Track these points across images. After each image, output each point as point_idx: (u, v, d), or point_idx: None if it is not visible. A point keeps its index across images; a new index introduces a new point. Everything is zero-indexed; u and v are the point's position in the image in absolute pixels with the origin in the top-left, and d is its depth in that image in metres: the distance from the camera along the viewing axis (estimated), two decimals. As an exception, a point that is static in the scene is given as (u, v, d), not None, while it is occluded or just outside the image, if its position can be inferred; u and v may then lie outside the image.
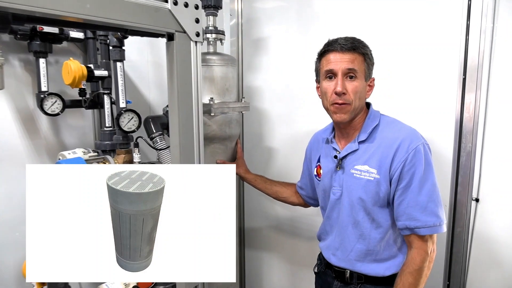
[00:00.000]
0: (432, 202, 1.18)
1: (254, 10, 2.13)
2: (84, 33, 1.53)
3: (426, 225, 1.18)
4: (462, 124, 1.51)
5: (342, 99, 1.24)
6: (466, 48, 1.47)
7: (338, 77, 1.23)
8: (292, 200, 1.71)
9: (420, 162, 1.18)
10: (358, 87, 1.23)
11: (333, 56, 1.24)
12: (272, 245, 2.27)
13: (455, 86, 1.51)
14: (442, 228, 1.20)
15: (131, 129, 1.44)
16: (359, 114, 1.31)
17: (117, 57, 1.44)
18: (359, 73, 1.23)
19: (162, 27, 1.12)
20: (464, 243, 1.55)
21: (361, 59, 1.24)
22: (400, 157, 1.20)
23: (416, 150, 1.19)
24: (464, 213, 1.53)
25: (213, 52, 1.75)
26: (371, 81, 1.31)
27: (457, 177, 1.54)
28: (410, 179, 1.19)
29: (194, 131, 1.24)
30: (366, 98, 1.32)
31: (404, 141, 1.21)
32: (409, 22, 1.60)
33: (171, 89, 1.19)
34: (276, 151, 2.15)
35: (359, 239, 1.29)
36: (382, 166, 1.23)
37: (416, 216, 1.18)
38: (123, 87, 1.46)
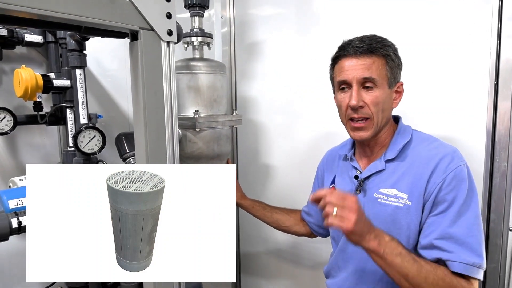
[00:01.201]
0: (473, 238, 0.92)
1: (248, 12, 1.92)
2: (43, 36, 1.29)
3: (462, 261, 0.90)
4: (494, 138, 1.27)
5: (360, 113, 1.02)
6: (498, 49, 1.23)
7: (353, 88, 1.02)
8: (296, 229, 1.48)
9: (462, 186, 0.94)
10: (379, 98, 1.01)
11: (347, 62, 1.03)
12: (271, 272, 2.05)
13: (485, 93, 1.26)
14: (481, 274, 0.92)
15: (92, 151, 1.19)
16: (385, 128, 1.08)
17: (76, 63, 1.19)
18: (379, 80, 1.01)
19: (122, 23, 0.88)
20: (500, 282, 1.29)
21: (382, 62, 1.01)
22: (437, 178, 0.96)
23: (458, 171, 0.95)
24: (499, 245, 1.28)
25: (198, 58, 1.52)
26: (399, 86, 1.08)
27: (489, 202, 1.29)
28: (447, 206, 0.94)
29: (167, 153, 1.00)
30: (393, 107, 1.09)
31: (443, 159, 0.97)
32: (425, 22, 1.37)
33: (136, 101, 0.95)
34: (275, 169, 1.93)
35: (381, 279, 1.05)
36: (415, 190, 0.99)
37: (448, 249, 0.92)
38: (84, 99, 1.22)
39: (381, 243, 0.91)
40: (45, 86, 1.20)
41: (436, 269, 0.91)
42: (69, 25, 0.87)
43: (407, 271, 0.90)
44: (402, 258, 0.90)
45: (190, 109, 1.45)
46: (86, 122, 1.23)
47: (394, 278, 0.92)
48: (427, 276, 0.89)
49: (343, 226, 0.87)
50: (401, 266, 0.90)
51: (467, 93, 1.31)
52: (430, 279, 0.89)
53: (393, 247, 0.91)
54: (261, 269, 2.09)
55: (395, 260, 0.90)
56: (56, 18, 0.80)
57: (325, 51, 1.18)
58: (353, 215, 0.87)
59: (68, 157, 1.30)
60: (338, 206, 0.88)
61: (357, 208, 0.88)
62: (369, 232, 0.91)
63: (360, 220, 0.88)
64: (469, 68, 1.30)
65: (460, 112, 1.33)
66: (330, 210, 0.89)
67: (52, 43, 1.33)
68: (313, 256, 1.80)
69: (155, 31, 0.94)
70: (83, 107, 1.21)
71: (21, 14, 0.75)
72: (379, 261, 0.92)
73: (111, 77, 1.64)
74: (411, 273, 0.89)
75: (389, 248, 0.91)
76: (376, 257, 0.92)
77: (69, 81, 1.26)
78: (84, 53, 1.22)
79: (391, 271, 0.92)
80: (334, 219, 0.88)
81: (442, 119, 1.35)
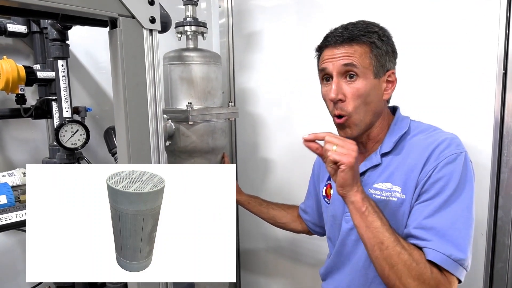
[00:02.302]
0: (456, 231, 0.84)
1: (246, 1, 1.85)
2: (28, 26, 1.24)
3: (438, 250, 0.82)
4: (502, 130, 1.19)
5: (338, 109, 0.96)
6: (507, 37, 1.15)
7: (333, 80, 0.96)
8: (292, 226, 1.43)
9: (454, 175, 0.86)
10: (361, 89, 0.94)
11: (328, 52, 0.97)
12: (271, 269, 2.01)
13: (492, 82, 1.19)
14: (462, 273, 0.83)
15: (75, 145, 1.14)
16: (376, 122, 1.01)
17: (58, 54, 1.13)
18: (361, 69, 0.93)
19: (99, 9, 0.82)
20: (508, 283, 1.22)
21: (365, 50, 0.94)
22: (429, 166, 0.89)
23: (451, 159, 0.88)
24: (508, 244, 1.21)
25: (191, 48, 1.46)
26: (389, 74, 0.98)
27: (497, 198, 1.22)
28: (433, 195, 0.87)
29: (151, 150, 0.94)
30: (385, 99, 1.00)
31: (439, 146, 0.90)
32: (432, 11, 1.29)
33: (116, 94, 0.89)
34: (274, 163, 1.87)
35: (371, 284, 0.99)
36: (409, 183, 0.92)
37: (426, 238, 0.85)
38: (67, 91, 1.16)
39: (365, 199, 0.87)
40: (28, 78, 1.14)
41: (413, 250, 0.84)
42: (45, 12, 0.82)
43: (383, 238, 0.83)
44: (382, 224, 0.85)
45: (183, 102, 1.40)
46: (69, 115, 1.18)
47: (369, 243, 0.86)
48: (402, 252, 0.82)
49: (344, 160, 0.84)
50: (379, 230, 0.84)
51: (474, 83, 1.23)
52: (404, 256, 0.82)
53: (376, 210, 0.87)
54: (260, 265, 2.04)
55: (375, 222, 0.85)
56: (31, 6, 0.75)
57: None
58: (353, 152, 0.85)
59: (54, 152, 1.25)
60: (338, 144, 0.86)
61: (356, 149, 0.86)
62: (357, 183, 0.88)
63: (357, 162, 0.86)
64: (476, 58, 1.22)
65: (467, 104, 1.25)
66: (330, 147, 0.86)
67: (37, 34, 1.27)
68: (313, 253, 1.75)
69: (135, 18, 0.88)
70: (66, 99, 1.15)
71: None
72: (358, 219, 0.87)
73: (103, 69, 1.59)
74: (387, 242, 0.83)
75: (372, 208, 0.87)
76: (357, 213, 0.87)
77: (53, 73, 1.20)
78: (67, 43, 1.16)
79: (367, 234, 0.86)
80: (334, 153, 0.85)
81: (447, 111, 1.28)
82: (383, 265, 0.84)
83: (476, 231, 0.88)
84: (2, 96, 1.30)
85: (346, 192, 0.87)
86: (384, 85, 0.98)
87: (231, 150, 2.01)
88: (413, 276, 0.81)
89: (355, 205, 0.87)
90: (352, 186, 0.87)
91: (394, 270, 0.82)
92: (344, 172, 0.85)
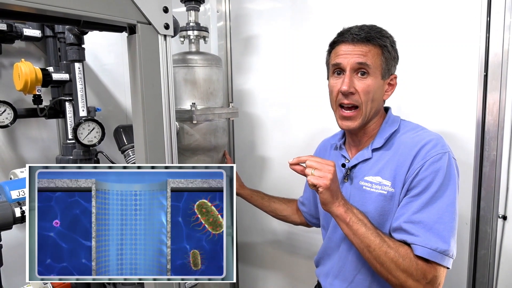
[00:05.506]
0: (442, 225, 0.92)
1: (243, 6, 1.93)
2: (42, 30, 1.31)
3: (425, 245, 0.91)
4: (484, 128, 1.29)
5: (350, 99, 1.04)
6: (487, 41, 1.26)
7: (346, 74, 1.03)
8: (292, 219, 1.51)
9: (439, 173, 0.95)
10: (370, 86, 1.03)
11: (344, 48, 1.05)
12: (268, 262, 2.08)
13: (474, 84, 1.29)
14: (448, 262, 0.92)
15: (92, 142, 1.21)
16: (374, 119, 1.10)
17: (75, 57, 1.21)
18: (373, 68, 1.02)
19: (120, 17, 0.90)
20: (490, 268, 1.32)
21: (378, 52, 1.03)
22: (417, 163, 0.98)
23: (436, 158, 0.96)
24: (489, 232, 1.31)
25: (194, 52, 1.54)
26: (392, 78, 1.09)
27: (479, 190, 1.32)
28: (420, 191, 0.96)
29: (165, 145, 1.02)
30: (385, 99, 1.10)
31: (426, 145, 0.99)
32: (416, 16, 1.39)
33: (134, 94, 0.97)
34: (271, 161, 1.95)
35: (361, 268, 1.08)
36: (398, 177, 1.01)
37: (414, 232, 0.94)
38: (83, 92, 1.24)
39: (348, 211, 0.97)
40: (44, 79, 1.22)
41: (399, 247, 0.94)
42: (68, 19, 0.89)
43: (369, 242, 0.94)
44: (366, 229, 0.95)
45: (187, 102, 1.48)
46: (85, 114, 1.25)
47: (359, 247, 0.97)
48: (388, 251, 0.93)
49: (321, 183, 0.94)
50: (364, 236, 0.95)
51: (457, 84, 1.33)
52: (390, 254, 0.92)
53: (359, 217, 0.97)
54: (258, 258, 2.11)
55: (360, 229, 0.96)
56: (55, 13, 0.82)
57: (320, 44, 1.19)
58: (329, 174, 0.94)
59: (67, 149, 1.32)
60: (316, 168, 0.96)
61: (333, 170, 0.95)
62: (338, 198, 0.98)
63: (335, 181, 0.96)
64: (459, 60, 1.32)
65: (451, 103, 1.35)
66: (309, 171, 0.97)
67: (51, 38, 1.35)
68: (309, 245, 1.82)
69: (152, 25, 0.96)
70: (82, 100, 1.23)
71: (21, 8, 0.77)
72: (345, 228, 0.98)
73: (108, 71, 1.66)
74: (373, 245, 0.94)
75: (355, 217, 0.97)
76: (343, 224, 0.98)
77: (67, 75, 1.28)
78: (83, 47, 1.24)
79: (355, 240, 0.97)
80: (312, 178, 0.95)
81: (433, 110, 1.38)
82: (374, 264, 0.95)
83: (460, 221, 0.98)
84: (15, 96, 1.37)
85: (329, 208, 0.98)
86: (386, 87, 1.08)
87: (229, 149, 2.08)
88: (401, 270, 0.91)
89: (340, 217, 0.98)
90: (333, 203, 0.97)
91: (384, 267, 0.93)
92: (322, 193, 0.96)
